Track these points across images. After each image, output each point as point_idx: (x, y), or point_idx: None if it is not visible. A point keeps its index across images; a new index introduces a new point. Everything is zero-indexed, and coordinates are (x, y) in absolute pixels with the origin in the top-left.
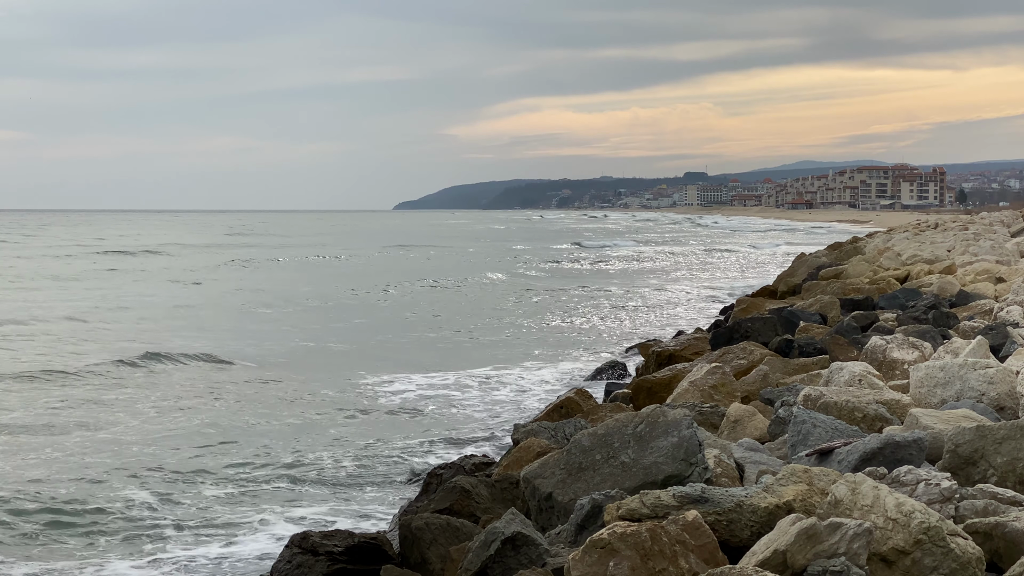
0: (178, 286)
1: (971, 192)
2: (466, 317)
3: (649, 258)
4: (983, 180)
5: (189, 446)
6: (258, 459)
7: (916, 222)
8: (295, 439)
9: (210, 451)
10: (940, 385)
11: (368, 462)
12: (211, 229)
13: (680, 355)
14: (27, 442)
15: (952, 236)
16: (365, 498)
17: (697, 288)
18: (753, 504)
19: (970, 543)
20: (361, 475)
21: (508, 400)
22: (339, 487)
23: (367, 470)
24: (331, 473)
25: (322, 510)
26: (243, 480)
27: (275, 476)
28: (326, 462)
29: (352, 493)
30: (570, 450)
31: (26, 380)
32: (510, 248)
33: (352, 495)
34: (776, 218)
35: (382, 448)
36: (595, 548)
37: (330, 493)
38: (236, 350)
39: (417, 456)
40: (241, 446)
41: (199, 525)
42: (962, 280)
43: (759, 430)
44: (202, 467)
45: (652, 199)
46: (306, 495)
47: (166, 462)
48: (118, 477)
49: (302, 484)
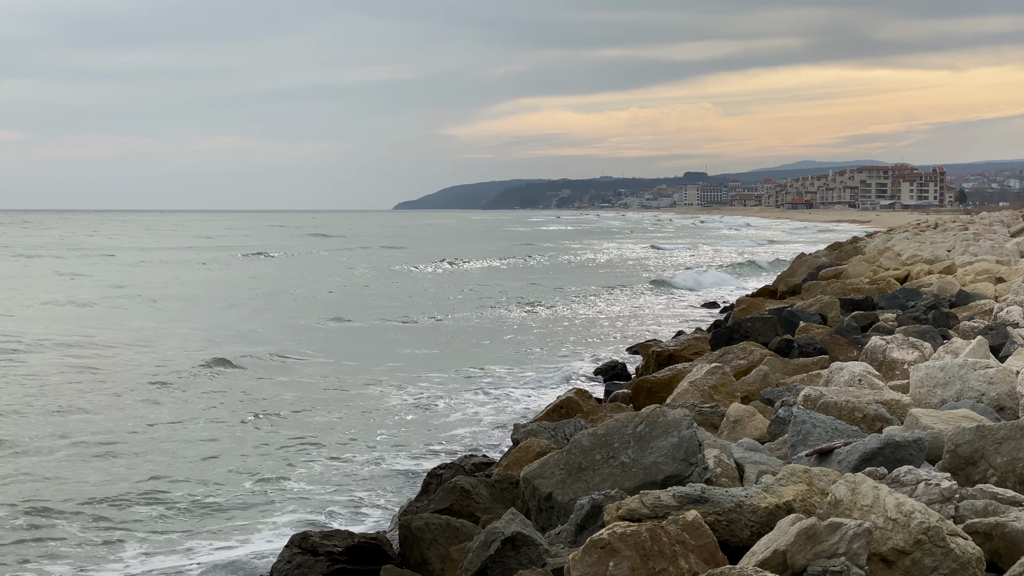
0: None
1: (971, 192)
2: (468, 317)
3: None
4: (983, 180)
5: (189, 446)
6: (256, 459)
7: (916, 222)
8: (294, 439)
9: (205, 451)
10: (940, 385)
11: (368, 462)
12: (289, 230)
13: (680, 355)
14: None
15: (952, 236)
16: (365, 498)
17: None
18: (753, 504)
19: (970, 543)
20: (361, 475)
21: (508, 400)
22: (339, 487)
23: (367, 470)
24: (331, 473)
25: (322, 510)
26: (243, 480)
27: (275, 476)
28: (326, 462)
29: (352, 493)
30: (570, 450)
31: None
32: (639, 263)
33: (352, 495)
34: (776, 218)
35: (381, 448)
36: (595, 548)
37: (330, 493)
38: (237, 351)
39: (416, 456)
40: (239, 447)
41: (199, 524)
42: (962, 280)
43: (759, 430)
44: (202, 467)
45: (652, 199)
46: (306, 495)
47: (166, 463)
48: (123, 479)
49: (302, 484)
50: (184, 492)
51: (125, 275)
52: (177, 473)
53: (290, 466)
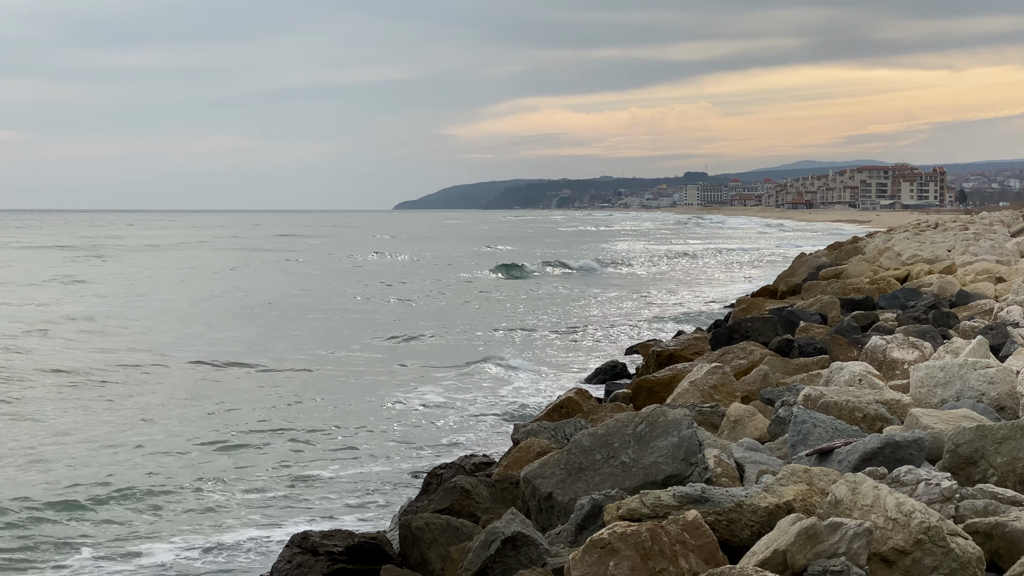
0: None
1: (971, 192)
2: (468, 317)
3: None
4: (983, 180)
5: (189, 447)
6: (256, 460)
7: (916, 222)
8: (294, 439)
9: (209, 452)
10: (940, 385)
11: (368, 461)
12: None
13: (680, 355)
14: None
15: (952, 236)
16: (365, 498)
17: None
18: (753, 504)
19: (970, 543)
20: (361, 474)
21: (508, 400)
22: (339, 487)
23: (367, 469)
24: (330, 473)
25: (322, 510)
26: (242, 480)
27: (274, 476)
28: (326, 462)
29: (352, 492)
30: (570, 450)
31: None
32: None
33: (352, 495)
34: (776, 218)
35: (381, 447)
36: (595, 548)
37: (329, 493)
38: (236, 351)
39: (417, 456)
40: (239, 447)
41: (199, 524)
42: (962, 280)
43: (759, 430)
44: (202, 467)
45: (652, 199)
46: (305, 495)
47: (167, 463)
48: (126, 479)
49: (301, 484)
50: (183, 492)
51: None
52: (175, 473)
53: (290, 466)
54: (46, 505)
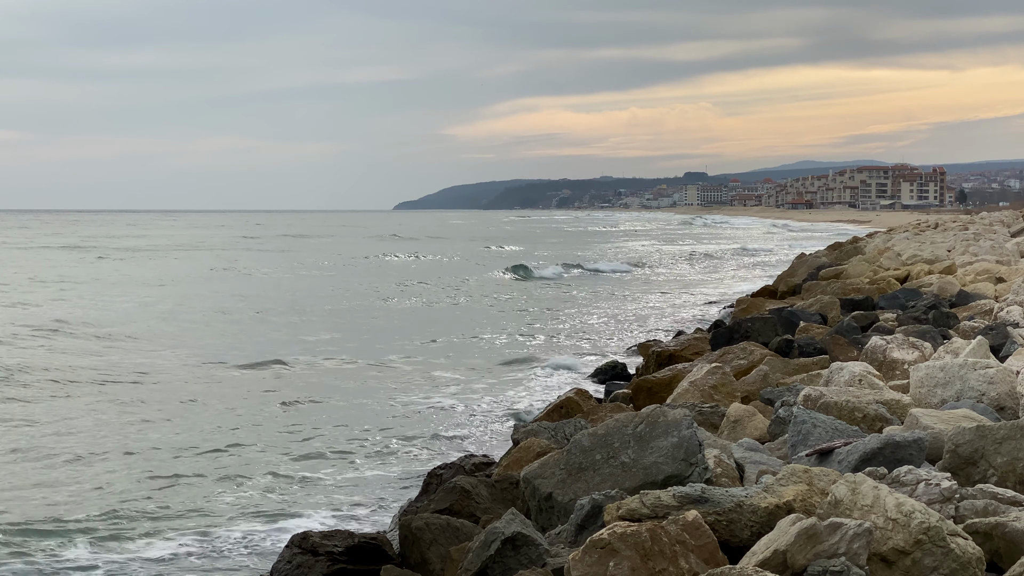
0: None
1: (971, 192)
2: (468, 317)
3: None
4: (983, 180)
5: (189, 446)
6: (256, 460)
7: (916, 222)
8: (294, 440)
9: (209, 451)
10: (940, 385)
11: (368, 461)
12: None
13: (680, 355)
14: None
15: (952, 236)
16: (365, 498)
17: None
18: (753, 504)
19: (970, 543)
20: (361, 474)
21: (508, 400)
22: (339, 486)
23: (367, 469)
24: (331, 472)
25: (322, 510)
26: (242, 480)
27: (274, 476)
28: (326, 461)
29: (352, 493)
30: (570, 450)
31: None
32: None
33: (352, 495)
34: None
35: (382, 447)
36: (595, 548)
37: (330, 493)
38: (236, 351)
39: (417, 456)
40: (237, 448)
41: (198, 523)
42: (962, 280)
43: (759, 430)
44: (202, 467)
45: (652, 199)
46: (305, 495)
47: (167, 463)
48: (125, 478)
49: (301, 484)
50: (183, 491)
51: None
52: (175, 472)
53: (290, 466)
54: (46, 505)
